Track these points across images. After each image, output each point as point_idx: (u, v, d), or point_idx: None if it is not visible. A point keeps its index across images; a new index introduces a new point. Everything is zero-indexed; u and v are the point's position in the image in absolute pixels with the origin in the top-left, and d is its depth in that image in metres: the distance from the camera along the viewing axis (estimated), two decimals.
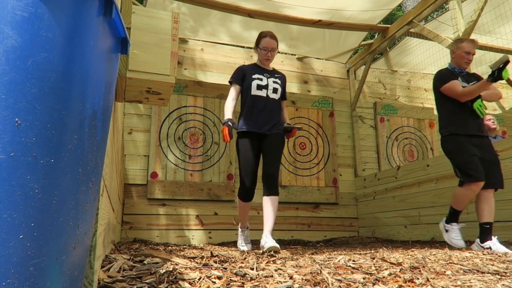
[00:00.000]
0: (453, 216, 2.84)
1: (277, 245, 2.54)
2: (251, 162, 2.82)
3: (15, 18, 0.53)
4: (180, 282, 1.13)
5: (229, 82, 2.99)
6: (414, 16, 4.23)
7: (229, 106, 2.86)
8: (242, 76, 2.94)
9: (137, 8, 1.58)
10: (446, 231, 2.87)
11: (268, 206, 2.71)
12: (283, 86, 3.02)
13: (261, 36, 2.94)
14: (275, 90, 2.92)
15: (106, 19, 0.76)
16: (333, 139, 5.15)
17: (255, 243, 4.14)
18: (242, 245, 3.05)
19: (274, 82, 2.94)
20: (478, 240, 2.66)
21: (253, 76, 2.91)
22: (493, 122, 4.41)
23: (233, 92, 2.92)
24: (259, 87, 2.88)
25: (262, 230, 2.71)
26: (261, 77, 2.92)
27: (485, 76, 2.64)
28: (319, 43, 5.01)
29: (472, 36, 3.90)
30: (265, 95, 2.88)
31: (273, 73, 3.01)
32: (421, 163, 4.02)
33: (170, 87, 1.59)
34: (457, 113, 2.83)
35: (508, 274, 1.35)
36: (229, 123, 2.75)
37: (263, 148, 2.85)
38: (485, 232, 2.63)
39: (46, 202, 0.57)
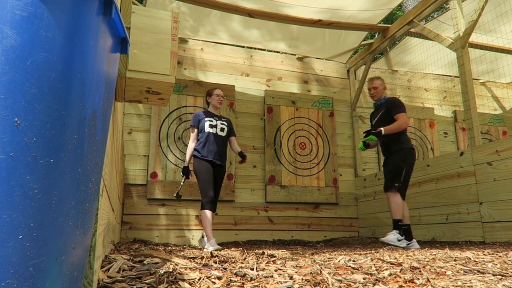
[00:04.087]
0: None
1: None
2: None
3: (15, 17, 0.53)
4: (180, 283, 1.13)
5: None
6: (414, 15, 4.22)
7: None
8: None
9: (136, 8, 1.57)
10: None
11: None
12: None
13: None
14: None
15: (105, 19, 0.76)
16: (333, 139, 5.14)
17: (255, 243, 4.14)
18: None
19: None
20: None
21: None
22: None
23: None
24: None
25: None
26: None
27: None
28: (319, 42, 5.01)
29: (473, 36, 3.90)
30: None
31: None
32: (421, 163, 4.02)
33: (170, 87, 1.59)
34: None
35: (508, 274, 1.35)
36: None
37: None
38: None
39: (45, 202, 0.56)
